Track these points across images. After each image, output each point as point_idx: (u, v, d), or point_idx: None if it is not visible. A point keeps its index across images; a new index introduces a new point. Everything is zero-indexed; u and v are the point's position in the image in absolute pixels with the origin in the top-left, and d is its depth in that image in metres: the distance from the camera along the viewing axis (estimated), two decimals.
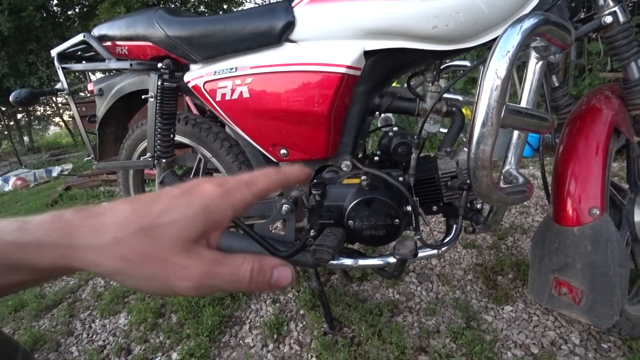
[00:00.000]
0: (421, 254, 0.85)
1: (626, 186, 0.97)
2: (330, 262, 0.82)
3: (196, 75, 0.94)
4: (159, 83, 1.01)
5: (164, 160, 1.11)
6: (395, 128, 0.91)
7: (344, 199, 0.79)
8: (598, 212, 0.75)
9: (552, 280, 0.81)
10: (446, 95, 1.10)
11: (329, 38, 0.80)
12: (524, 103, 0.76)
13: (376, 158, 0.91)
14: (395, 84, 1.54)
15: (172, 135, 1.11)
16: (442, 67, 1.08)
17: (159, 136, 1.08)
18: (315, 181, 0.85)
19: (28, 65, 9.10)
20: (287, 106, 0.84)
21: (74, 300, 1.54)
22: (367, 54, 0.79)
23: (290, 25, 0.81)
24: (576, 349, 0.96)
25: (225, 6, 10.11)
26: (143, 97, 1.06)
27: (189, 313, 1.26)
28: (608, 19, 0.76)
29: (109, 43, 1.06)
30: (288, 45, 0.84)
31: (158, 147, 1.10)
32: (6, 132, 11.93)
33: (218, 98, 0.91)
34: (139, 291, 1.44)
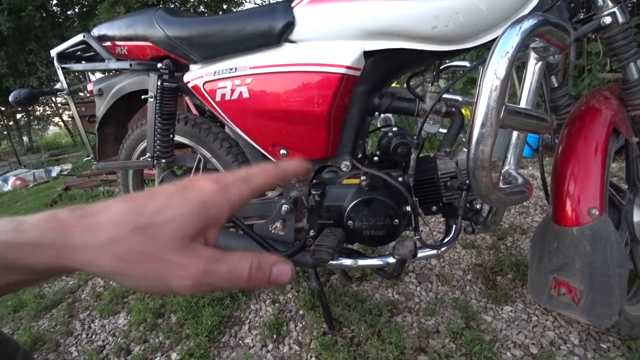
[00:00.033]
0: (420, 254, 0.85)
1: (625, 186, 0.97)
2: (329, 262, 0.82)
3: (196, 75, 0.94)
4: (159, 83, 1.01)
5: (164, 160, 1.11)
6: (394, 128, 0.91)
7: (344, 199, 0.79)
8: (597, 213, 0.75)
9: (552, 280, 0.81)
10: (446, 95, 1.10)
11: (329, 38, 0.80)
12: (523, 103, 0.76)
13: (376, 158, 0.91)
14: (394, 85, 1.54)
15: (172, 135, 1.11)
16: (442, 68, 1.08)
17: (159, 136, 1.08)
18: (314, 181, 0.85)
19: (27, 65, 9.10)
20: (287, 106, 0.84)
21: (74, 300, 1.54)
22: (367, 55, 0.79)
23: (290, 25, 0.81)
24: (575, 349, 0.96)
25: (224, 6, 10.11)
26: (143, 97, 1.06)
27: (189, 313, 1.26)
28: (607, 20, 0.76)
29: (109, 43, 1.06)
30: (288, 45, 0.84)
31: (158, 147, 1.10)
32: (5, 132, 11.94)
33: (218, 98, 0.91)
34: (137, 290, 1.44)
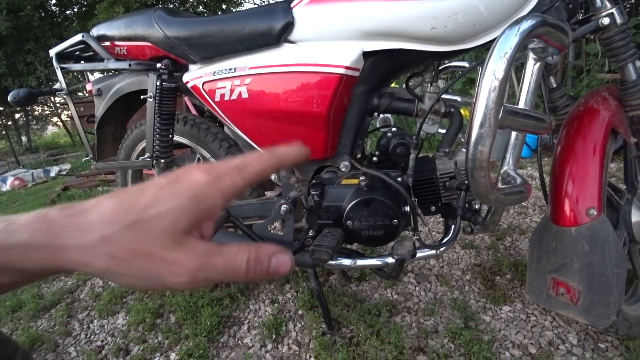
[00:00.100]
0: (419, 254, 0.86)
1: (623, 187, 0.97)
2: (328, 263, 0.82)
3: (195, 75, 0.94)
4: (158, 83, 1.01)
5: (163, 160, 1.11)
6: (393, 128, 0.91)
7: (343, 200, 0.79)
8: (595, 213, 0.75)
9: (550, 280, 0.81)
10: (445, 96, 1.10)
11: (328, 39, 0.80)
12: (522, 104, 0.76)
13: (375, 158, 0.91)
14: (394, 85, 1.54)
15: (171, 135, 1.11)
16: (441, 68, 1.08)
17: (158, 136, 1.08)
18: (313, 181, 0.85)
19: (26, 64, 9.09)
20: (286, 107, 0.84)
21: (72, 300, 1.54)
22: (366, 55, 0.79)
23: (289, 25, 0.81)
24: (574, 349, 0.96)
25: (224, 6, 10.10)
26: (142, 97, 1.06)
27: (188, 313, 1.26)
28: (605, 21, 0.76)
29: (108, 43, 1.06)
30: (287, 45, 0.84)
31: (157, 147, 1.10)
32: (4, 132, 11.91)
33: (217, 98, 0.91)
34: (133, 288, 1.43)
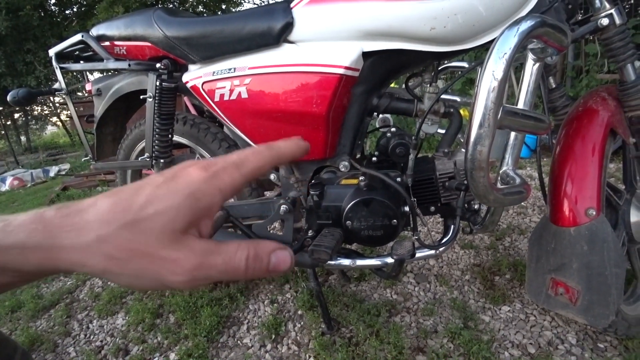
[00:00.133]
0: (419, 255, 0.86)
1: (622, 187, 0.97)
2: (328, 263, 0.82)
3: (194, 75, 0.94)
4: (157, 83, 1.01)
5: (162, 160, 1.11)
6: (393, 129, 0.91)
7: (342, 200, 0.79)
8: (594, 213, 0.75)
9: (549, 280, 0.81)
10: (444, 96, 1.11)
11: (328, 39, 0.80)
12: (521, 104, 0.76)
13: (374, 159, 0.91)
14: (393, 85, 1.54)
15: (171, 135, 1.11)
16: (440, 68, 1.08)
17: (157, 136, 1.08)
18: (313, 181, 0.86)
19: (25, 64, 9.07)
20: (286, 107, 0.84)
21: (72, 300, 1.54)
22: (366, 55, 0.79)
23: (288, 26, 0.81)
24: (573, 349, 0.97)
25: (223, 6, 10.10)
26: (141, 97, 1.06)
27: (187, 313, 1.26)
28: (604, 21, 0.77)
29: (107, 43, 1.06)
30: (286, 46, 0.84)
31: (156, 148, 1.10)
32: (3, 132, 11.88)
33: (216, 98, 0.91)
34: (131, 288, 1.43)
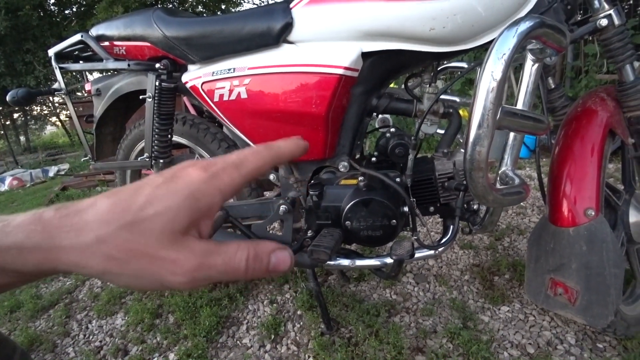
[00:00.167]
0: (418, 255, 0.86)
1: (621, 187, 0.98)
2: (327, 263, 0.82)
3: (194, 75, 0.94)
4: (157, 83, 1.01)
5: (162, 160, 1.11)
6: (392, 129, 0.91)
7: (342, 200, 0.79)
8: (593, 213, 0.75)
9: (548, 280, 0.81)
10: (443, 96, 1.11)
11: (327, 39, 0.80)
12: (520, 105, 0.76)
13: (373, 159, 0.91)
14: (392, 85, 1.54)
15: (170, 135, 1.11)
16: (440, 69, 1.08)
17: (157, 136, 1.08)
18: (312, 182, 0.86)
19: (25, 64, 9.06)
20: (285, 107, 0.84)
21: (71, 300, 1.54)
22: (365, 55, 0.79)
23: (288, 26, 0.81)
24: (572, 349, 0.97)
25: (223, 6, 10.10)
26: (141, 98, 1.06)
27: (186, 314, 1.25)
28: (603, 22, 0.77)
29: (107, 43, 1.06)
30: (286, 46, 0.84)
31: (156, 148, 1.10)
32: (2, 132, 11.88)
33: (216, 99, 0.91)
34: (131, 289, 1.43)
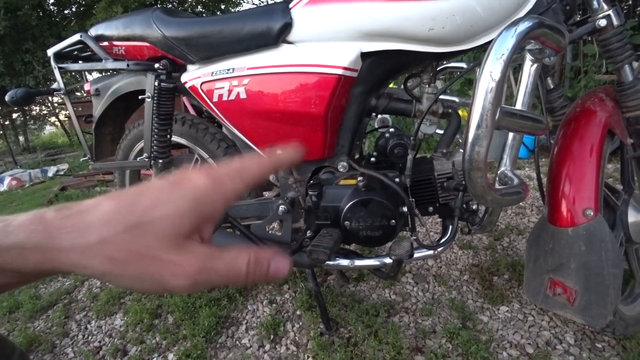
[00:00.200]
0: (417, 255, 0.86)
1: (620, 187, 0.98)
2: (326, 263, 0.82)
3: (193, 75, 0.94)
4: (156, 83, 1.01)
5: (161, 160, 1.11)
6: (391, 129, 0.91)
7: (341, 200, 0.79)
8: (592, 213, 0.76)
9: (547, 280, 0.81)
10: (443, 96, 1.11)
11: (326, 39, 0.80)
12: (519, 105, 0.76)
13: (373, 159, 0.91)
14: (392, 86, 1.54)
15: (169, 135, 1.11)
16: (439, 69, 1.08)
17: (156, 137, 1.08)
18: (311, 182, 0.86)
19: (24, 64, 9.05)
20: (284, 107, 0.84)
21: (70, 301, 1.53)
22: (364, 56, 0.79)
23: (287, 26, 0.81)
24: (571, 349, 0.97)
25: (222, 7, 10.09)
26: (140, 98, 1.06)
27: (186, 314, 1.25)
28: (602, 22, 0.77)
29: (106, 43, 1.06)
30: (285, 46, 0.84)
31: (155, 148, 1.10)
32: (1, 132, 11.86)
33: (215, 99, 0.91)
34: (132, 291, 1.43)
